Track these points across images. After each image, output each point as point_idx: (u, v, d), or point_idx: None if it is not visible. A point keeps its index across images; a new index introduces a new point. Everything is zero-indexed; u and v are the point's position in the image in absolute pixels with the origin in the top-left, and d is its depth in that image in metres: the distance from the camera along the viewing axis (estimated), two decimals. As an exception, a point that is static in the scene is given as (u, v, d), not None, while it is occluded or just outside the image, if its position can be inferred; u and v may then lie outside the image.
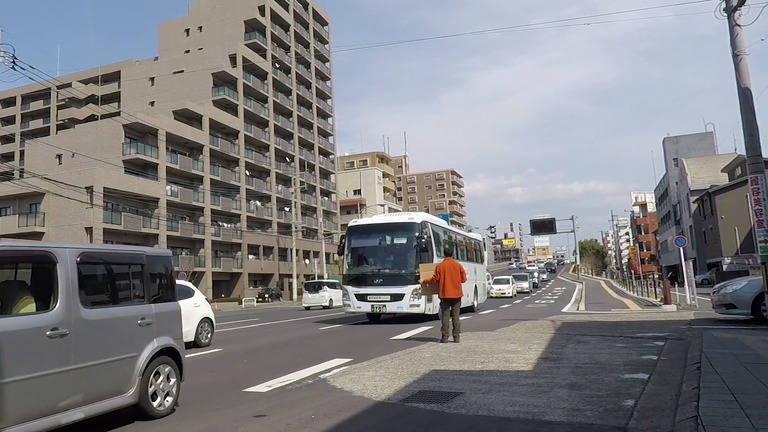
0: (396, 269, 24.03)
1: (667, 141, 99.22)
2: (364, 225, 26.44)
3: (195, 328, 17.85)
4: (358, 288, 24.24)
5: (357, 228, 25.86)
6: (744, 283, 19.28)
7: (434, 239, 24.91)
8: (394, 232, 25.26)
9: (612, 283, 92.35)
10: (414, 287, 22.63)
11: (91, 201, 57.60)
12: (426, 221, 24.98)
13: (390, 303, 23.55)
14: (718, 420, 6.01)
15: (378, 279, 24.00)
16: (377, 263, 24.84)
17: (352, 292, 24.37)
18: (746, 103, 16.20)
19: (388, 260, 24.82)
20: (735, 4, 16.33)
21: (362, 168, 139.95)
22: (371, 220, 27.96)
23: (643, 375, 9.68)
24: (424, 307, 23.14)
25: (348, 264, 25.25)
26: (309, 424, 7.29)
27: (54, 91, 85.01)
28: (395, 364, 11.70)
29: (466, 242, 34.57)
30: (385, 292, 23.64)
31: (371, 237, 25.57)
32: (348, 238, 25.41)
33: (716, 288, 20.99)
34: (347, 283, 24.79)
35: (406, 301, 23.21)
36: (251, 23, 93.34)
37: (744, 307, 18.39)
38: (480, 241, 39.26)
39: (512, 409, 7.54)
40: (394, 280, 23.65)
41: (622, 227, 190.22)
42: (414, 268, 22.78)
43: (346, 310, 25.12)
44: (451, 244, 28.82)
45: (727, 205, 61.46)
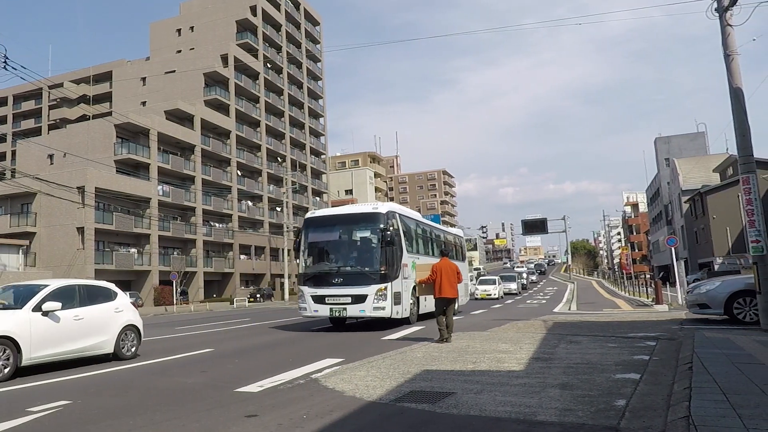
0: (358, 266, 21.33)
1: (659, 141, 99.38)
2: (323, 216, 23.35)
3: (116, 337, 14.79)
4: (315, 289, 21.37)
5: (314, 220, 23.00)
6: (717, 283, 19.49)
7: (404, 232, 22.82)
8: (356, 224, 22.33)
9: (604, 283, 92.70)
10: (379, 287, 20.40)
11: (83, 201, 57.60)
12: (393, 211, 22.47)
13: (351, 306, 20.69)
14: (710, 420, 6.00)
15: (338, 278, 21.14)
16: (337, 260, 22.10)
17: (308, 294, 21.50)
18: (738, 103, 16.21)
19: (349, 256, 22.08)
20: (726, 4, 16.34)
21: (354, 168, 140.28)
22: (330, 211, 24.80)
23: (634, 375, 9.68)
24: (390, 310, 20.49)
25: (304, 261, 22.42)
26: (301, 424, 7.25)
27: (46, 91, 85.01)
28: (387, 364, 11.67)
29: (445, 237, 31.85)
30: (346, 293, 20.81)
31: (330, 230, 22.86)
32: (304, 231, 22.87)
33: (690, 288, 21.37)
34: (303, 283, 21.90)
35: (369, 303, 20.42)
36: (243, 23, 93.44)
37: (717, 306, 18.58)
38: (461, 236, 36.88)
39: (504, 409, 7.51)
40: (355, 279, 20.90)
41: (614, 227, 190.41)
42: (380, 265, 20.67)
43: (302, 314, 21.93)
44: (426, 238, 27.21)
45: (718, 205, 61.57)
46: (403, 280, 21.65)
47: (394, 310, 20.68)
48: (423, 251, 25.88)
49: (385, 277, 20.43)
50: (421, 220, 27.96)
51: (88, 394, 9.93)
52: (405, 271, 21.92)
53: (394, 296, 20.67)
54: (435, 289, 16.16)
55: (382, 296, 20.43)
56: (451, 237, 33.83)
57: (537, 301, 46.44)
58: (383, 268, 20.49)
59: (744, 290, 18.12)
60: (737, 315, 18.02)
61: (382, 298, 20.42)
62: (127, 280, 66.44)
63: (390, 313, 20.53)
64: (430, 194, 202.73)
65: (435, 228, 30.47)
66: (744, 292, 18.07)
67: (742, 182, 16.30)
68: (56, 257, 59.69)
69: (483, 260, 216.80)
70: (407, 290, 22.03)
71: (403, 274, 21.72)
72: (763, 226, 15.82)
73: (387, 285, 20.50)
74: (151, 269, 66.83)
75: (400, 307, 21.13)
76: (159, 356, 15.32)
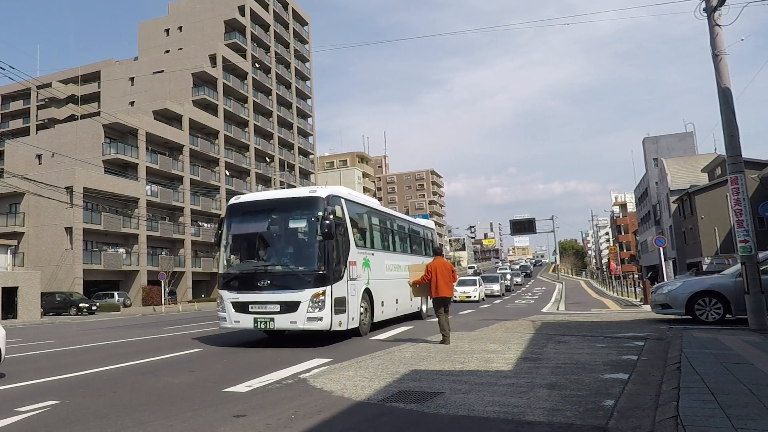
0: (290, 265, 16.96)
1: (647, 141, 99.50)
2: (249, 202, 18.65)
3: None
4: (236, 293, 17.08)
5: (239, 207, 18.50)
6: (679, 284, 19.89)
7: (352, 222, 18.73)
8: (289, 212, 17.68)
9: (592, 283, 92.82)
10: (315, 292, 16.08)
11: (71, 201, 57.51)
12: (337, 196, 18.12)
13: (280, 315, 16.35)
14: (698, 420, 6.00)
15: (264, 280, 16.71)
16: (265, 257, 17.61)
17: (227, 300, 17.16)
18: (726, 103, 16.26)
19: (279, 252, 17.57)
20: (715, 4, 16.41)
21: (342, 168, 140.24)
22: (259, 196, 19.36)
23: (623, 375, 9.68)
24: (329, 320, 16.19)
25: (225, 259, 18.10)
26: (289, 424, 7.24)
27: (34, 91, 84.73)
28: (375, 364, 11.66)
29: (411, 230, 27.48)
30: (274, 299, 16.50)
31: (258, 219, 18.15)
32: (227, 221, 18.38)
33: (654, 288, 21.65)
34: (223, 287, 17.52)
35: (302, 312, 16.08)
36: (231, 23, 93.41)
37: (678, 307, 18.92)
38: (431, 229, 31.81)
39: (492, 409, 7.51)
40: (286, 282, 16.58)
41: (602, 227, 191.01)
42: (317, 263, 16.41)
43: (221, 325, 17.58)
44: (384, 230, 23.17)
45: (706, 205, 61.69)
46: (350, 282, 17.72)
47: (335, 320, 16.47)
48: (380, 245, 22.22)
49: (323, 279, 16.25)
50: (378, 207, 23.28)
51: (77, 394, 9.89)
52: (353, 270, 18.08)
53: (335, 303, 16.46)
54: (431, 289, 15.84)
55: (319, 303, 16.11)
56: (419, 228, 29.11)
57: (525, 301, 46.48)
58: (321, 266, 16.31)
59: (705, 291, 18.53)
60: (699, 315, 18.39)
61: (319, 306, 16.09)
62: (116, 280, 66.43)
63: (329, 324, 16.23)
64: (418, 194, 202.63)
65: (397, 218, 26.05)
66: (705, 293, 18.48)
67: (730, 182, 16.36)
68: (44, 257, 59.58)
69: (471, 259, 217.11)
70: (356, 294, 18.15)
71: (351, 273, 17.78)
72: (751, 226, 15.90)
73: (326, 289, 16.20)
74: (139, 269, 66.75)
75: (345, 316, 17.14)
76: (147, 356, 15.28)
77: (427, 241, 29.89)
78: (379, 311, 20.50)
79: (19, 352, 18.53)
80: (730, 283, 18.00)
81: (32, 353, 17.97)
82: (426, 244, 29.49)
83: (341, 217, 17.82)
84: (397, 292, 22.46)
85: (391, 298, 22.10)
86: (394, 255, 23.45)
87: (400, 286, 22.00)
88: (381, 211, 23.57)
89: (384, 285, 21.12)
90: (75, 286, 57.55)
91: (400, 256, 24.19)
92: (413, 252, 26.87)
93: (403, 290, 21.52)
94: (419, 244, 28.27)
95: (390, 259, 22.71)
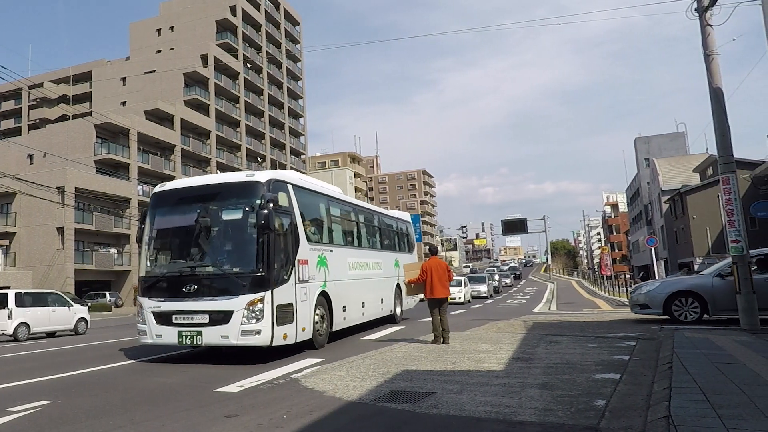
0: (221, 266, 13.85)
1: (639, 141, 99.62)
2: (175, 190, 15.30)
3: None
4: (157, 301, 14.01)
5: (164, 196, 15.27)
6: (657, 284, 20.07)
7: (302, 213, 15.37)
8: (223, 201, 14.50)
9: (583, 283, 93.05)
10: (251, 298, 13.09)
11: (63, 201, 57.35)
12: (281, 182, 14.71)
13: (208, 328, 13.32)
14: (690, 420, 6.01)
15: (190, 285, 13.60)
16: (192, 256, 14.24)
17: (147, 309, 14.09)
18: (718, 103, 16.29)
19: (209, 251, 14.21)
20: (706, 4, 16.44)
21: (334, 168, 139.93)
22: (187, 183, 15.92)
23: (614, 375, 9.69)
24: (269, 333, 13.14)
25: (147, 259, 14.92)
26: (281, 424, 7.25)
27: (25, 91, 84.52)
28: (367, 364, 11.67)
29: (382, 222, 23.98)
30: (201, 308, 13.44)
31: (185, 210, 14.66)
32: (150, 213, 15.27)
33: (633, 288, 22.00)
34: (143, 293, 14.44)
35: (235, 324, 13.09)
36: (223, 23, 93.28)
37: (656, 307, 19.07)
38: (407, 222, 28.17)
39: (484, 409, 7.52)
40: (216, 287, 13.57)
41: (594, 227, 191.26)
42: (255, 262, 13.36)
43: (140, 339, 14.39)
44: (347, 222, 20.08)
45: (698, 205, 61.74)
46: (300, 285, 14.65)
47: (278, 333, 13.39)
48: (341, 240, 19.01)
49: (261, 282, 13.23)
50: (339, 196, 19.97)
51: (69, 395, 9.88)
52: (304, 270, 14.96)
53: (277, 311, 13.42)
54: (426, 289, 15.59)
55: (256, 312, 13.11)
56: (392, 221, 25.69)
57: (517, 301, 46.51)
58: (260, 267, 13.29)
59: (682, 291, 18.68)
60: (676, 315, 18.54)
61: (256, 316, 13.10)
62: (107, 280, 66.29)
63: (269, 337, 13.19)
64: (410, 194, 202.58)
65: (364, 209, 22.52)
66: (683, 293, 18.62)
67: (722, 182, 16.39)
68: (36, 257, 59.38)
69: (463, 259, 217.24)
70: (307, 300, 15.02)
71: (300, 274, 14.72)
72: (742, 225, 15.94)
73: (265, 294, 13.20)
74: (131, 269, 66.43)
75: (292, 327, 14.02)
76: (139, 356, 15.25)
77: (402, 235, 26.53)
78: (339, 318, 17.34)
79: (11, 352, 18.50)
80: (708, 283, 18.17)
81: (24, 353, 17.94)
82: (401, 239, 26.33)
83: (287, 207, 14.52)
84: (363, 295, 19.69)
85: (356, 301, 19.02)
86: (359, 251, 20.43)
87: (367, 287, 20.13)
88: (343, 200, 20.29)
89: (347, 287, 17.99)
90: (66, 286, 57.27)
91: (367, 253, 21.29)
92: (385, 247, 23.76)
93: (372, 292, 20.54)
94: (392, 239, 25.11)
95: (354, 256, 19.55)
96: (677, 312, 18.51)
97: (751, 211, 35.03)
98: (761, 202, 41.93)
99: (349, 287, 18.39)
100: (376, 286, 21.13)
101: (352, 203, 21.56)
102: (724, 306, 17.63)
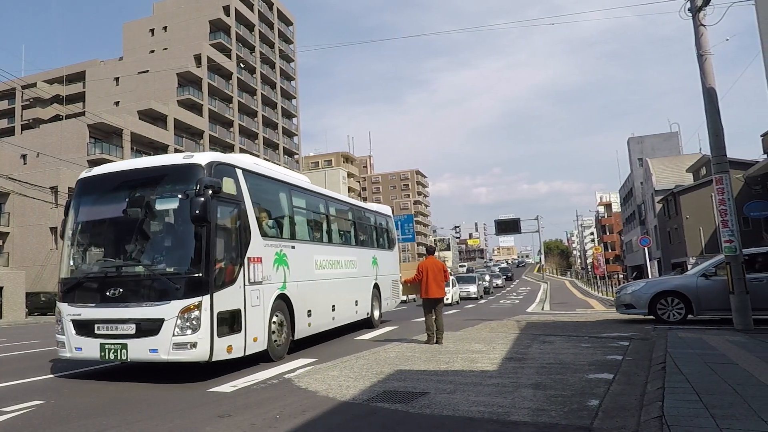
0: (151, 266, 11.38)
1: (632, 141, 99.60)
2: (102, 176, 12.84)
3: None
4: (78, 308, 11.67)
5: (90, 183, 12.82)
6: (642, 284, 20.38)
7: (256, 204, 13.18)
8: (155, 188, 11.92)
9: (577, 283, 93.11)
10: (186, 304, 10.75)
11: (56, 201, 57.20)
12: (226, 165, 12.40)
13: (135, 340, 10.96)
14: (683, 420, 6.02)
15: (115, 288, 11.28)
16: (119, 254, 11.89)
17: (67, 317, 11.78)
18: (711, 103, 16.32)
19: (138, 247, 11.69)
20: (700, 4, 16.47)
21: (327, 168, 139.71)
22: (115, 167, 13.13)
23: (607, 375, 9.71)
24: (208, 346, 10.79)
25: (69, 257, 12.51)
26: (274, 424, 7.26)
27: (19, 91, 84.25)
28: (360, 364, 11.68)
29: (357, 216, 21.77)
30: (125, 315, 11.09)
31: (113, 200, 12.24)
32: (74, 203, 12.82)
33: (619, 289, 22.42)
34: (63, 298, 12.07)
35: (165, 335, 10.75)
36: (216, 23, 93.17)
37: (642, 307, 19.30)
38: (387, 216, 25.60)
39: (477, 409, 7.53)
40: (144, 291, 11.22)
41: (587, 227, 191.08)
42: (191, 261, 11.12)
43: (59, 353, 12.01)
44: (315, 216, 17.77)
45: (691, 205, 61.73)
46: (251, 288, 12.35)
47: (219, 346, 11.03)
48: (306, 235, 16.83)
49: (198, 285, 10.92)
50: (304, 185, 17.53)
51: (62, 395, 9.87)
52: (257, 269, 12.75)
53: (219, 319, 11.09)
54: (421, 289, 15.54)
55: (192, 322, 10.76)
56: (370, 215, 23.50)
57: (510, 301, 46.53)
58: (196, 267, 11.02)
59: (667, 291, 18.92)
60: (661, 315, 18.77)
61: (191, 326, 10.75)
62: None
63: (208, 351, 10.82)
64: (403, 194, 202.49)
65: (335, 200, 20.13)
66: (667, 293, 18.86)
67: (715, 182, 16.41)
68: (29, 257, 59.31)
69: (456, 259, 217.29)
70: (261, 304, 12.78)
71: (251, 275, 12.44)
72: (736, 226, 15.97)
73: (202, 299, 10.85)
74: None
75: (239, 337, 11.72)
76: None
77: (381, 230, 24.23)
78: (303, 324, 15.20)
79: (4, 352, 18.46)
80: (692, 284, 18.38)
81: (17, 353, 17.89)
82: (380, 235, 24.03)
83: (234, 195, 12.32)
84: (334, 297, 17.58)
85: (324, 304, 16.92)
86: (329, 248, 18.08)
87: (339, 289, 18.03)
88: (310, 190, 17.82)
89: (312, 288, 15.87)
90: (60, 286, 57.17)
91: (339, 249, 18.95)
92: (361, 244, 21.45)
93: (345, 293, 18.57)
94: (369, 234, 22.86)
95: (323, 254, 17.29)
96: (662, 312, 18.75)
97: (745, 211, 35.16)
98: (754, 202, 42.12)
99: (316, 289, 16.21)
100: (349, 286, 19.24)
101: (321, 194, 18.96)
102: (709, 306, 17.96)
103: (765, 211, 42.76)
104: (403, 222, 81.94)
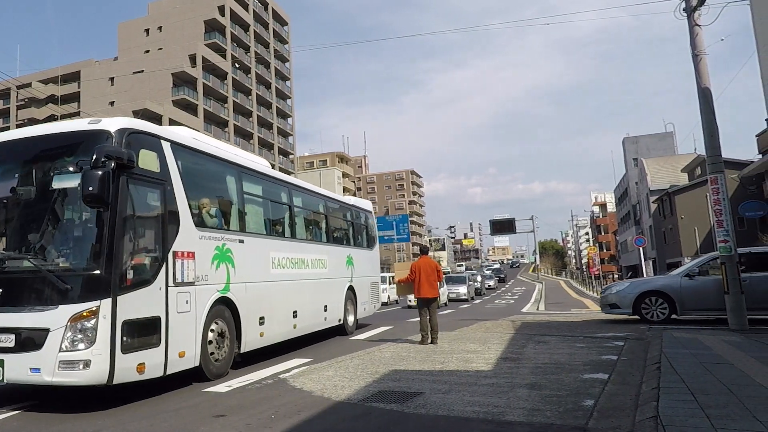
0: (39, 261, 8.75)
1: (627, 141, 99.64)
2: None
3: None
4: None
5: None
6: (626, 284, 20.66)
7: (185, 184, 10.47)
8: (52, 163, 9.34)
9: (572, 283, 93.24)
10: (79, 310, 8.28)
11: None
12: (149, 135, 9.97)
13: (13, 356, 8.36)
14: (678, 420, 6.00)
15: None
16: (4, 245, 9.41)
17: None
18: (706, 103, 16.33)
19: (23, 235, 9.29)
20: (695, 4, 16.49)
21: (322, 168, 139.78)
22: (11, 135, 10.35)
23: (602, 375, 9.70)
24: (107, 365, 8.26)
25: None
26: (269, 424, 7.24)
27: (14, 91, 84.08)
28: (355, 364, 11.66)
29: (329, 208, 19.00)
30: (2, 324, 8.52)
31: (3, 176, 9.71)
32: None
33: (604, 289, 22.94)
34: None
35: (51, 350, 8.21)
36: (211, 23, 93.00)
37: (626, 307, 19.43)
38: (367, 212, 23.17)
39: (472, 409, 7.52)
40: (28, 293, 8.76)
41: (582, 227, 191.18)
42: (90, 255, 8.71)
43: None
44: (274, 205, 15.12)
45: (686, 205, 61.72)
46: (176, 290, 9.88)
47: (123, 364, 8.52)
48: (262, 227, 14.31)
49: (95, 285, 8.49)
50: (260, 169, 14.69)
51: (56, 395, 9.80)
52: (186, 267, 10.22)
53: (124, 330, 8.58)
54: (414, 289, 15.55)
55: (85, 333, 8.27)
56: (346, 209, 21.07)
57: (505, 301, 46.56)
58: (95, 262, 8.59)
59: (651, 291, 19.08)
60: (645, 315, 18.89)
61: (84, 338, 8.25)
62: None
63: (106, 371, 8.29)
64: (398, 194, 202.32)
65: (303, 190, 17.43)
66: (651, 293, 19.01)
67: (710, 182, 16.42)
68: (22, 258, 59.00)
69: (452, 260, 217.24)
70: (191, 311, 10.28)
71: (178, 273, 9.96)
72: (731, 225, 15.99)
73: (100, 303, 8.36)
74: (118, 270, 66.33)
75: (157, 353, 9.34)
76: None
77: (359, 226, 21.76)
78: (253, 333, 12.65)
79: None
80: (676, 284, 18.53)
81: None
82: (357, 231, 21.57)
83: (157, 173, 9.81)
84: (296, 301, 15.13)
85: (283, 309, 14.47)
86: (291, 244, 15.43)
87: (303, 291, 15.60)
88: (268, 175, 15.15)
89: (267, 290, 13.50)
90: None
91: (304, 246, 16.36)
92: (334, 240, 18.91)
93: (311, 297, 16.17)
94: (345, 230, 20.58)
95: (282, 250, 14.71)
96: (646, 311, 18.88)
97: (740, 211, 35.21)
98: (749, 202, 42.21)
99: (272, 291, 13.76)
100: (316, 289, 16.56)
101: (283, 180, 16.26)
102: (692, 306, 18.17)
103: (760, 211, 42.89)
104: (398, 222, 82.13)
